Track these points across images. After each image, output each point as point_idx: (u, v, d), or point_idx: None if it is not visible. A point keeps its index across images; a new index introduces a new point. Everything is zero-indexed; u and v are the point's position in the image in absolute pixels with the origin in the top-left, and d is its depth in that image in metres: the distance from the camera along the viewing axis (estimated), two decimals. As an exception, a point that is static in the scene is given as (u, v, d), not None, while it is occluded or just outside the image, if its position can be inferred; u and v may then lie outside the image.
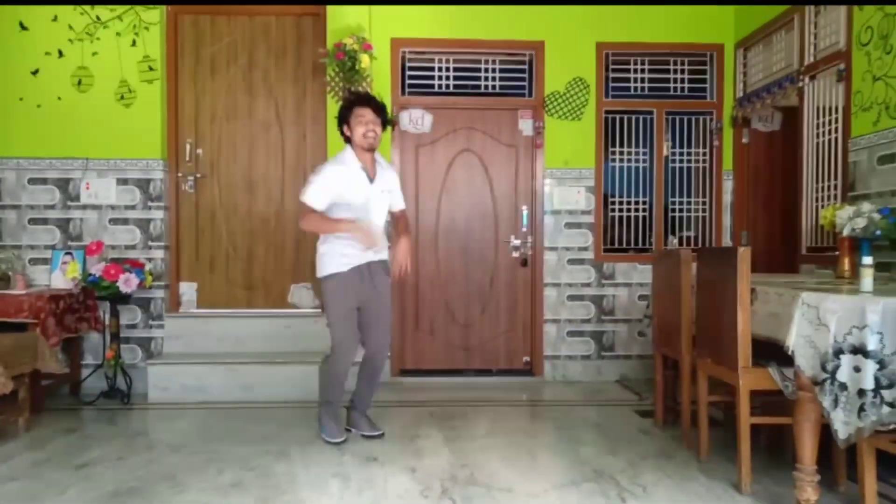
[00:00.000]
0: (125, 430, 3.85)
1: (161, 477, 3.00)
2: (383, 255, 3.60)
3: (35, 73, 4.70)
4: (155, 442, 3.62)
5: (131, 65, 4.75)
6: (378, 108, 3.50)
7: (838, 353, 2.38)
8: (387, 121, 3.58)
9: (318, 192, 3.40)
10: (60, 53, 4.71)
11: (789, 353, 2.51)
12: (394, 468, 3.10)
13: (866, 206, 3.32)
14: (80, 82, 4.73)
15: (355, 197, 3.44)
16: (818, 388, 2.44)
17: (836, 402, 2.39)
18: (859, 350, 2.34)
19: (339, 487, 2.90)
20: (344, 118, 3.50)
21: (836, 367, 2.38)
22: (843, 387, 2.37)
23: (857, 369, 2.35)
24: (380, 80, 4.87)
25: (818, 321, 2.44)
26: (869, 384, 2.30)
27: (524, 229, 5.15)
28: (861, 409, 2.33)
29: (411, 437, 3.62)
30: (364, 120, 3.43)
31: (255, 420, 3.97)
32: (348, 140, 3.51)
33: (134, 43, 4.74)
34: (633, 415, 4.11)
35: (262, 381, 4.41)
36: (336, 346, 3.47)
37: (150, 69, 4.76)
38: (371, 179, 3.50)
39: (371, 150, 3.49)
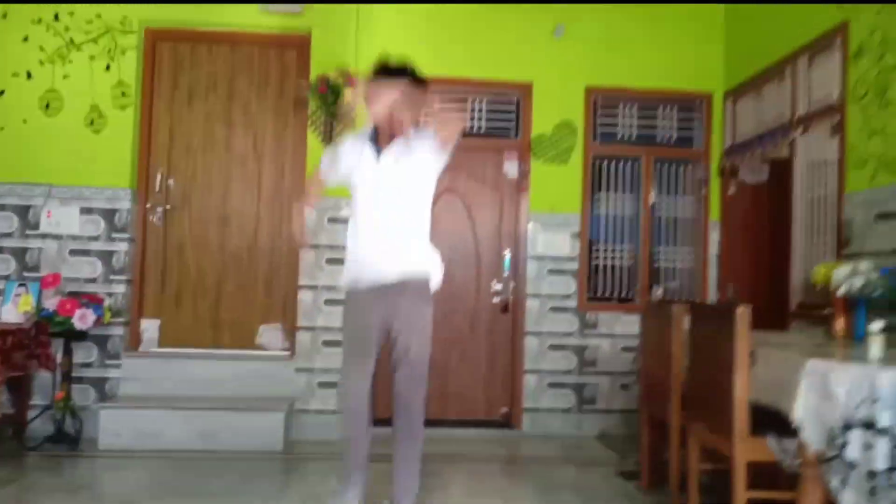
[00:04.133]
0: (70, 481, 3.56)
1: (103, 539, 2.73)
2: (415, 268, 2.88)
3: (0, 93, 4.47)
4: (101, 496, 3.35)
5: (104, 89, 4.55)
6: (403, 77, 2.88)
7: (847, 427, 2.20)
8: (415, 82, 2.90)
9: (327, 153, 3.06)
10: (29, 75, 4.51)
11: (794, 426, 2.33)
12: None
13: (864, 265, 3.19)
14: (48, 105, 4.52)
15: (358, 168, 2.87)
16: (825, 466, 2.25)
17: (844, 481, 2.20)
18: (870, 425, 2.16)
19: (301, 556, 2.64)
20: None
21: (845, 444, 2.20)
22: (853, 465, 2.19)
23: (868, 447, 2.17)
24: (364, 116, 4.71)
25: (825, 391, 2.27)
26: (881, 464, 2.13)
27: (506, 274, 4.98)
28: (872, 491, 2.14)
29: (380, 496, 3.36)
30: (375, 94, 2.83)
31: (216, 472, 3.69)
32: None
33: (108, 67, 4.55)
34: (614, 477, 3.88)
35: (225, 429, 4.12)
36: (340, 384, 2.95)
37: (123, 94, 4.56)
38: (379, 151, 2.88)
39: (386, 138, 2.88)
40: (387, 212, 2.81)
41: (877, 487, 2.14)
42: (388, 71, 2.88)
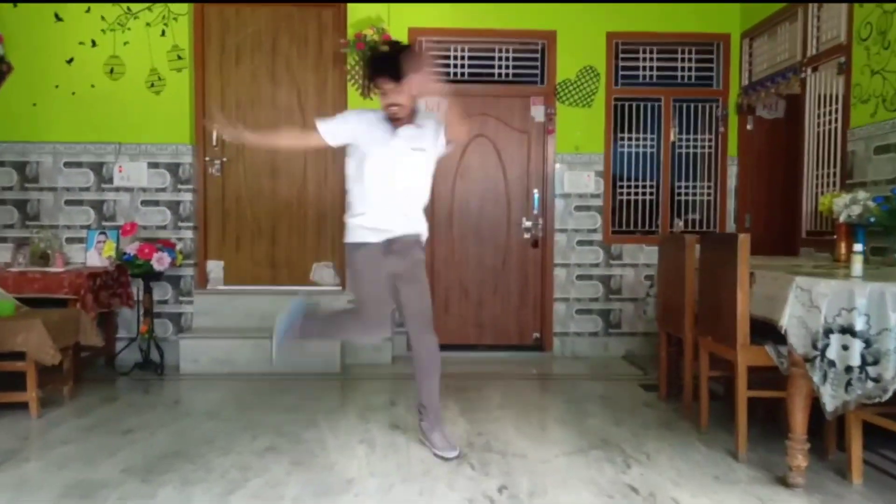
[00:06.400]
0: (162, 399, 4.12)
1: (202, 441, 3.27)
2: (415, 227, 3.20)
3: (70, 61, 4.92)
4: (191, 410, 3.88)
5: (161, 54, 4.96)
6: (384, 70, 2.99)
7: (828, 332, 2.59)
8: (398, 74, 2.95)
9: (334, 119, 3.18)
10: (94, 43, 4.92)
11: (782, 332, 2.73)
12: (415, 436, 3.34)
13: (862, 195, 3.52)
14: (112, 70, 4.95)
15: (367, 138, 3.08)
16: (809, 365, 2.66)
17: (825, 377, 2.61)
18: (847, 330, 2.55)
19: (366, 452, 3.16)
20: (372, 86, 3.18)
21: (826, 346, 2.59)
22: (832, 363, 2.59)
23: (845, 347, 2.56)
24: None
25: (810, 303, 2.66)
26: (856, 361, 2.53)
27: (535, 212, 5.37)
28: (848, 384, 2.55)
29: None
30: (384, 92, 3.03)
31: (282, 391, 4.23)
32: None
33: (163, 33, 4.95)
34: (637, 389, 4.36)
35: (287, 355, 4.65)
36: (365, 311, 3.18)
37: (179, 58, 4.97)
38: (394, 131, 3.09)
39: (398, 120, 3.08)
40: (398, 183, 3.09)
41: (852, 380, 2.55)
42: (378, 71, 3.04)
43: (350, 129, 3.13)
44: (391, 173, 3.07)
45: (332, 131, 3.13)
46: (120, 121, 4.95)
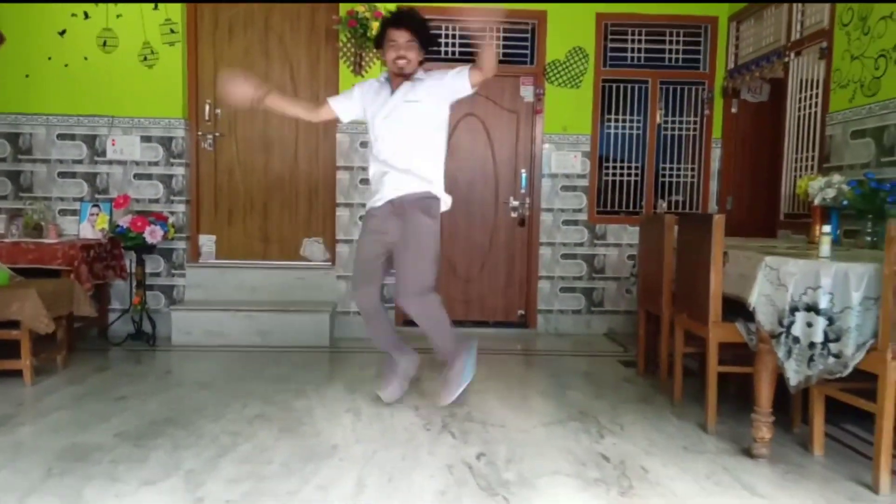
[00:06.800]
0: (154, 368, 4.22)
1: (193, 409, 3.37)
2: (424, 187, 3.25)
3: (62, 33, 4.94)
4: (182, 379, 3.99)
5: (153, 27, 4.98)
6: (415, 26, 3.16)
7: (794, 310, 2.70)
8: (428, 40, 3.23)
9: (342, 95, 3.41)
10: (86, 15, 4.95)
11: (750, 309, 2.85)
12: (399, 406, 3.47)
13: (836, 178, 3.63)
14: (105, 43, 4.98)
15: (372, 108, 3.23)
16: (775, 341, 2.78)
17: (789, 353, 2.73)
18: (812, 308, 2.66)
19: (352, 420, 3.27)
20: (379, 41, 3.26)
21: (791, 323, 2.71)
22: (797, 340, 2.70)
23: (809, 325, 2.68)
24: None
25: (778, 282, 2.77)
26: (818, 338, 2.64)
27: (523, 191, 5.46)
28: (811, 359, 2.67)
29: (414, 380, 3.97)
30: (395, 45, 3.14)
31: (273, 362, 4.34)
32: None
33: (156, 6, 4.97)
34: (617, 365, 4.49)
35: (278, 328, 4.77)
36: (350, 295, 3.45)
37: (172, 32, 5.00)
38: (392, 91, 3.24)
39: (402, 75, 3.19)
40: (395, 141, 3.21)
41: (814, 356, 2.67)
42: (409, 23, 3.19)
43: (357, 102, 3.29)
44: (385, 133, 3.20)
45: (343, 108, 3.32)
46: (113, 94, 4.99)
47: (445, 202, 3.39)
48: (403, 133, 3.21)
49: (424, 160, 3.28)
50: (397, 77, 3.21)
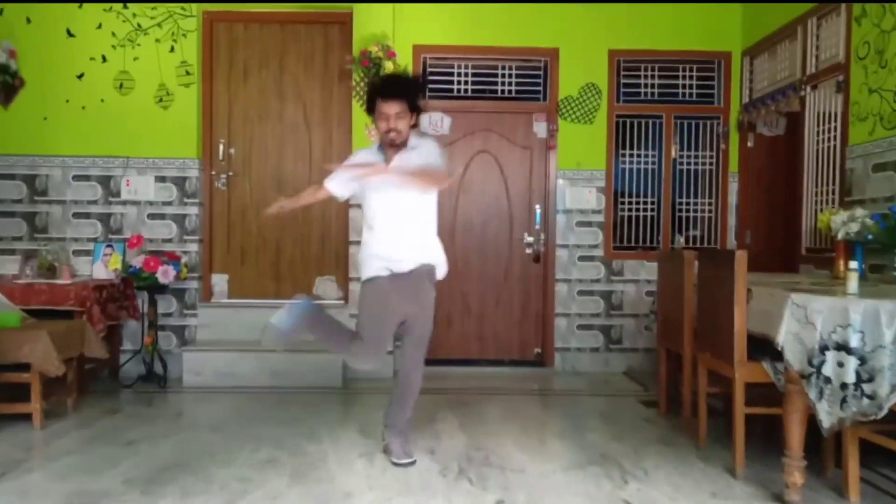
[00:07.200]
0: (164, 411, 4.16)
1: (203, 453, 3.29)
2: (425, 258, 3.23)
3: (80, 76, 5.01)
4: (193, 422, 3.92)
5: (169, 69, 5.05)
6: (404, 93, 3.08)
7: (824, 349, 2.61)
8: (417, 105, 3.13)
9: (337, 173, 3.26)
10: (104, 59, 5.02)
11: (779, 348, 2.75)
12: (414, 449, 3.36)
13: (860, 212, 3.55)
14: (121, 85, 5.03)
15: (368, 189, 3.16)
16: (805, 382, 2.67)
17: (821, 394, 2.62)
18: (843, 347, 2.57)
19: (365, 466, 3.18)
20: (370, 109, 3.18)
21: (822, 363, 2.61)
22: (828, 380, 2.60)
23: (840, 364, 2.58)
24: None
25: (806, 320, 2.68)
26: (851, 378, 2.54)
27: (537, 227, 5.41)
28: (843, 400, 2.57)
29: (430, 422, 3.89)
30: (385, 116, 3.06)
31: (284, 404, 4.26)
32: None
33: (172, 49, 5.04)
34: (637, 405, 4.37)
35: (290, 369, 4.69)
36: (363, 341, 3.18)
37: (187, 73, 5.05)
38: (386, 161, 3.14)
39: (395, 146, 3.14)
40: (398, 212, 3.14)
41: (847, 397, 2.56)
42: (397, 92, 3.10)
43: (350, 178, 3.20)
44: (388, 209, 3.15)
45: (338, 188, 3.27)
46: (128, 135, 5.03)
47: (442, 270, 3.33)
48: (410, 211, 3.17)
49: (428, 233, 3.27)
50: (390, 147, 3.17)
